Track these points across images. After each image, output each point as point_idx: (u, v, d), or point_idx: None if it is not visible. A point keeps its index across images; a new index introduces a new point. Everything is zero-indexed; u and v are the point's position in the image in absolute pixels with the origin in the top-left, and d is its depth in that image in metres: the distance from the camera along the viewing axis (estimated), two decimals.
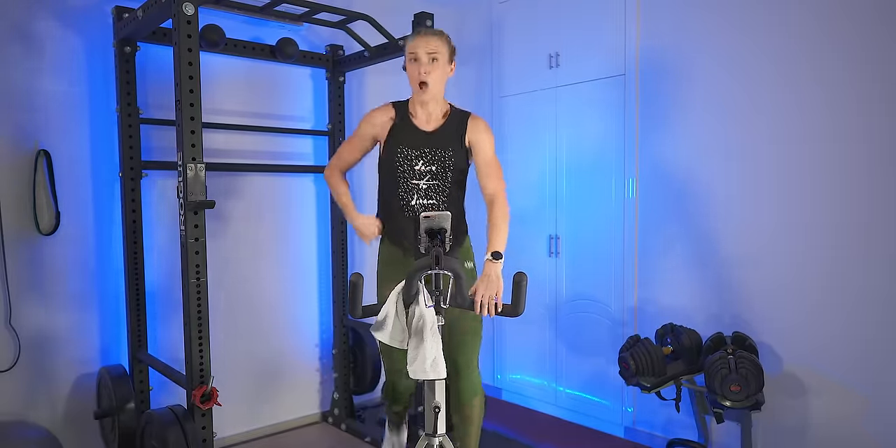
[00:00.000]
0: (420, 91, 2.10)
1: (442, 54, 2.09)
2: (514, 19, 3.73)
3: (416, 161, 2.13)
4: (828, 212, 2.53)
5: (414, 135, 2.15)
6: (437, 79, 2.09)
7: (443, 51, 2.09)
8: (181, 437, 2.19)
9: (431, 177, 2.13)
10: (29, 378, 2.62)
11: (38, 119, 2.61)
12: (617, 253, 3.24)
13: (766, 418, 2.72)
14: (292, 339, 3.41)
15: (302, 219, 3.43)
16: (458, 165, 2.16)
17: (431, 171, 2.13)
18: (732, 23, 2.78)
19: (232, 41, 3.00)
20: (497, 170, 2.19)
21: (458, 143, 2.16)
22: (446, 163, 2.14)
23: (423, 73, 2.06)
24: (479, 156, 2.18)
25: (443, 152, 2.14)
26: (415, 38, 2.11)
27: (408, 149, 2.14)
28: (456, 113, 2.21)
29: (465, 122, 2.19)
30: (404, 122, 2.17)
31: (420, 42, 2.08)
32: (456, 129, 2.17)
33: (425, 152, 2.13)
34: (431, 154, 2.13)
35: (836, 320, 2.52)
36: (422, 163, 2.13)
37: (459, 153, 2.16)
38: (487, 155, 2.18)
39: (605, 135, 3.27)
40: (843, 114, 2.48)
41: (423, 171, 2.13)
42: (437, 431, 1.88)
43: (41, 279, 2.64)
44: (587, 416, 3.43)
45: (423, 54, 2.07)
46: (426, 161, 2.13)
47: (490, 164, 2.18)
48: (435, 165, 2.13)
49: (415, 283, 1.80)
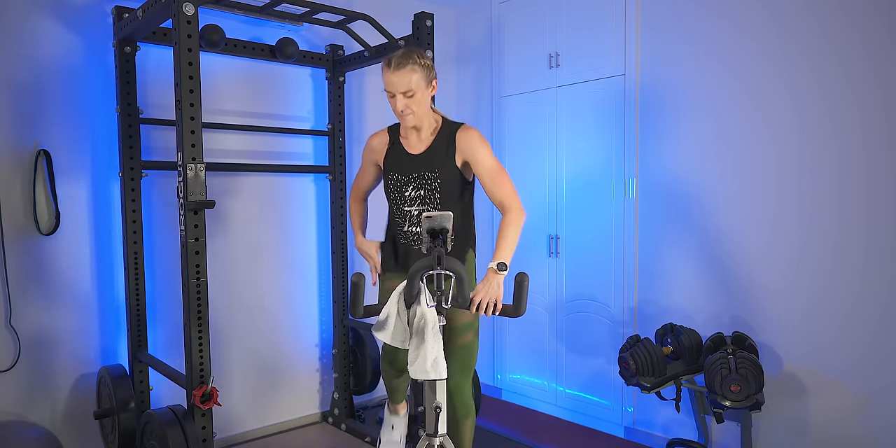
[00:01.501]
0: (403, 119, 2.09)
1: (419, 88, 2.03)
2: (514, 19, 3.73)
3: (406, 187, 2.14)
4: (827, 211, 2.53)
5: (402, 160, 2.16)
6: (418, 110, 2.06)
7: (419, 84, 2.02)
8: (181, 437, 2.19)
9: (420, 202, 2.13)
10: (29, 378, 2.62)
11: (38, 119, 2.61)
12: (617, 253, 3.25)
13: (766, 418, 2.72)
14: (292, 339, 3.41)
15: (302, 219, 3.43)
16: (447, 186, 2.11)
17: (420, 196, 2.12)
18: (732, 22, 2.78)
19: (232, 41, 3.00)
20: (501, 177, 2.09)
21: (447, 162, 2.11)
22: (433, 185, 2.10)
23: (402, 108, 2.04)
24: (480, 168, 2.10)
25: (429, 175, 2.11)
26: (387, 74, 2.02)
27: (398, 175, 2.15)
28: (446, 128, 2.15)
29: (453, 138, 2.12)
30: (395, 147, 2.19)
31: (394, 80, 2.01)
32: (445, 149, 2.12)
33: (413, 177, 2.12)
34: (419, 179, 2.12)
35: (836, 320, 2.52)
36: (411, 188, 2.13)
37: (448, 172, 2.11)
38: (486, 165, 2.09)
39: (605, 135, 3.27)
40: (843, 113, 2.48)
41: (412, 198, 2.13)
42: (438, 432, 1.89)
43: (41, 279, 2.64)
44: (587, 416, 3.43)
45: (397, 93, 2.02)
46: (414, 186, 2.12)
47: (494, 174, 2.08)
48: (423, 190, 2.12)
49: (416, 283, 1.80)
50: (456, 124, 2.17)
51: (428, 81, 2.07)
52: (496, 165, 2.10)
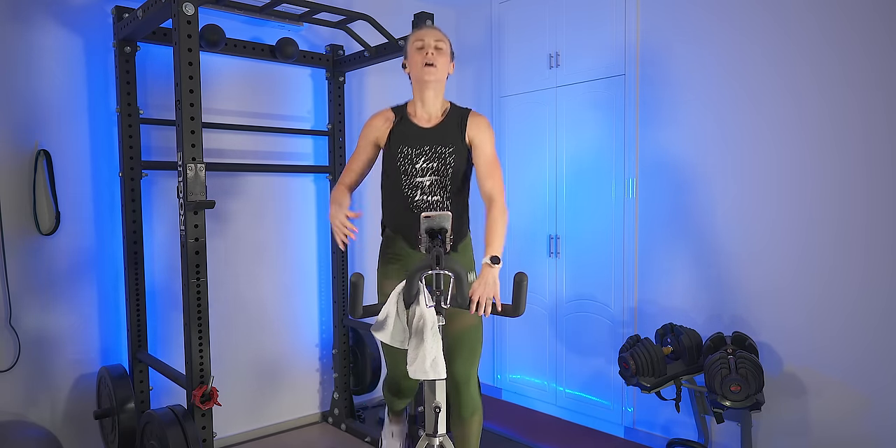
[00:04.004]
0: (426, 71, 2.08)
1: (446, 46, 2.14)
2: (514, 19, 3.73)
3: (417, 158, 2.13)
4: (827, 211, 2.53)
5: (414, 133, 2.15)
6: (443, 63, 2.12)
7: (447, 43, 2.15)
8: (181, 437, 2.19)
9: (432, 173, 2.13)
10: (29, 378, 2.62)
11: (38, 119, 2.61)
12: (617, 253, 3.24)
13: (766, 418, 2.72)
14: (292, 339, 3.41)
15: (302, 219, 3.43)
16: (459, 161, 2.15)
17: (432, 167, 2.13)
18: (732, 22, 2.78)
19: (232, 41, 3.00)
20: (497, 170, 2.16)
21: (459, 139, 2.15)
22: (447, 159, 2.13)
23: (429, 54, 2.09)
24: (480, 154, 2.15)
25: (443, 149, 2.13)
26: (420, 29, 2.16)
27: (408, 147, 2.14)
28: (456, 109, 2.21)
29: (465, 118, 2.18)
30: (404, 122, 2.17)
31: (426, 31, 2.14)
32: (456, 126, 2.16)
33: (425, 150, 2.13)
34: (431, 151, 2.13)
35: (836, 320, 2.52)
36: (423, 160, 2.13)
37: (460, 149, 2.15)
38: (487, 153, 2.15)
39: (605, 134, 3.27)
40: (843, 112, 2.48)
41: (424, 168, 2.12)
42: (438, 432, 1.89)
43: (41, 279, 2.64)
44: (587, 416, 3.43)
45: (430, 41, 2.11)
46: (427, 158, 2.13)
47: (490, 164, 2.15)
48: (436, 162, 2.13)
49: (415, 283, 1.80)
50: (466, 108, 2.23)
51: (450, 54, 2.18)
52: (495, 156, 2.18)
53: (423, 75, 2.09)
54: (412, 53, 2.13)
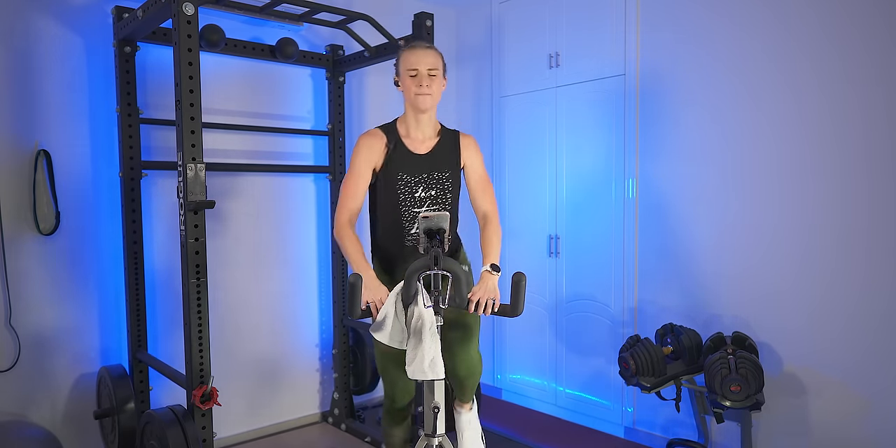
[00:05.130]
0: (419, 100, 2.04)
1: (439, 71, 2.07)
2: (514, 19, 3.73)
3: (416, 187, 2.11)
4: (828, 212, 2.53)
5: (411, 160, 2.11)
6: (437, 89, 2.07)
7: (440, 67, 2.07)
8: (181, 437, 2.19)
9: (431, 202, 2.12)
10: (29, 378, 2.62)
11: (38, 119, 2.61)
12: (617, 253, 3.24)
13: (766, 418, 2.71)
14: (292, 340, 3.41)
15: (302, 219, 3.43)
16: (455, 185, 2.15)
17: (431, 196, 2.12)
18: (733, 22, 2.78)
19: (232, 41, 3.00)
20: (489, 187, 2.20)
21: (454, 163, 2.15)
22: (444, 184, 2.12)
23: (424, 86, 2.03)
24: (472, 173, 2.19)
25: (440, 175, 2.12)
26: (412, 53, 2.05)
27: (407, 175, 2.10)
28: (447, 132, 2.19)
29: (457, 140, 2.18)
30: (398, 148, 2.11)
31: (419, 57, 2.03)
32: (451, 149, 2.16)
33: (424, 178, 2.11)
34: (429, 179, 2.11)
35: (837, 321, 2.52)
36: (422, 189, 2.11)
37: (455, 173, 2.15)
38: (480, 173, 2.20)
39: (605, 135, 3.27)
40: (845, 115, 2.47)
41: (423, 198, 2.11)
42: (437, 431, 1.89)
43: (41, 279, 2.64)
44: (587, 416, 3.43)
45: (423, 70, 2.03)
46: (426, 186, 2.11)
47: (484, 182, 2.20)
48: (434, 190, 2.12)
49: (413, 284, 1.80)
50: (454, 130, 2.23)
51: (444, 73, 2.13)
52: (486, 176, 2.24)
53: (418, 104, 2.06)
54: (405, 78, 2.06)
